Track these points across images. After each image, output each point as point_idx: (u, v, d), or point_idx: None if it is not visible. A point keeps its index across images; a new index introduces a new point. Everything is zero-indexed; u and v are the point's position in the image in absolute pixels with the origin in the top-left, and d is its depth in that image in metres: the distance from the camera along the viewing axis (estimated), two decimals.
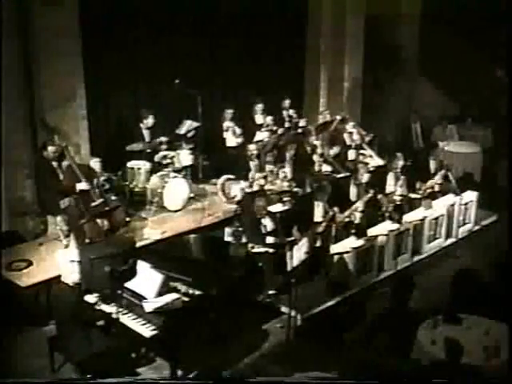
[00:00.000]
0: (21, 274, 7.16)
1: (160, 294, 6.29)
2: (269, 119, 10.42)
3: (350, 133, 10.59)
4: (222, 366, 6.37)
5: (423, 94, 12.79)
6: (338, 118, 10.89)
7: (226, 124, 10.35)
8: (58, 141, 8.03)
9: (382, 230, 8.30)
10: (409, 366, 5.69)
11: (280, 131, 10.41)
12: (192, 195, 9.48)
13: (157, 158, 9.45)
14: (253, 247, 7.90)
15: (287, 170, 9.64)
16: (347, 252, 7.84)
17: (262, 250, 7.87)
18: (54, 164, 8.03)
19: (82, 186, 7.92)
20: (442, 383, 5.22)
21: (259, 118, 10.63)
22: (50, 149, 7.97)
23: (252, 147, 9.79)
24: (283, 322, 7.18)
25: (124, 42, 9.57)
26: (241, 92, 11.15)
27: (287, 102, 11.03)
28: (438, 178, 9.45)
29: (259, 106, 10.62)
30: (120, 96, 9.88)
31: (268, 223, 8.15)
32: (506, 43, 9.33)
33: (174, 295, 6.32)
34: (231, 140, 10.35)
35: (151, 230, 8.51)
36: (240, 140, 10.34)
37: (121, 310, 6.15)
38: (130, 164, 9.26)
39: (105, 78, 9.49)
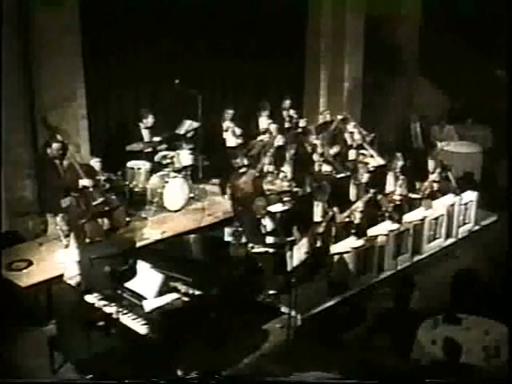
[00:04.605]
0: (21, 274, 7.18)
1: (160, 293, 6.29)
2: (273, 127, 10.33)
3: (351, 133, 10.59)
4: (222, 366, 6.37)
5: (423, 93, 12.79)
6: (339, 117, 10.89)
7: (226, 124, 10.34)
8: (60, 138, 8.06)
9: (382, 230, 8.30)
10: (409, 366, 5.70)
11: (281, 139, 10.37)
12: (192, 195, 9.49)
13: (157, 157, 9.45)
14: (253, 247, 7.90)
15: (287, 170, 9.64)
16: (347, 252, 7.84)
17: (262, 250, 7.88)
18: (57, 162, 8.04)
19: (85, 182, 7.93)
20: (442, 383, 5.23)
21: (263, 123, 10.59)
22: (55, 146, 7.97)
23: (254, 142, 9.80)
24: (283, 321, 7.18)
25: (124, 41, 9.57)
26: (241, 92, 11.16)
27: (288, 102, 11.02)
28: (434, 177, 9.46)
29: (265, 112, 10.58)
30: (120, 96, 9.88)
31: (268, 223, 8.15)
32: (506, 43, 9.33)
33: (174, 295, 6.32)
34: (231, 140, 10.35)
35: (151, 230, 8.52)
36: (240, 140, 10.34)
37: (121, 309, 6.16)
38: (129, 164, 9.26)
39: (105, 78, 9.49)
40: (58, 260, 7.21)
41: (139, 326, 6.12)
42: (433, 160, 9.70)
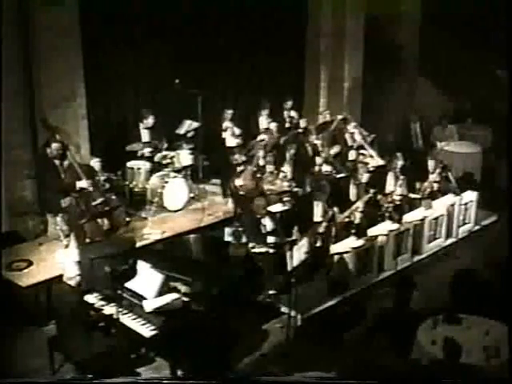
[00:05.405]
0: (21, 274, 7.18)
1: (160, 293, 6.29)
2: (273, 125, 10.37)
3: (352, 133, 10.59)
4: (222, 366, 6.37)
5: (423, 93, 12.79)
6: (339, 117, 10.88)
7: (225, 124, 10.34)
8: (60, 138, 8.06)
9: (382, 230, 8.30)
10: (409, 366, 5.69)
11: (282, 140, 10.37)
12: (192, 195, 9.49)
13: (157, 158, 9.45)
14: (253, 247, 7.90)
15: (287, 170, 9.64)
16: (347, 252, 7.84)
17: (262, 250, 7.88)
18: (57, 162, 8.05)
19: (84, 183, 7.94)
20: (442, 383, 5.23)
21: (263, 122, 10.59)
22: (54, 146, 7.98)
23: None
24: (283, 321, 7.18)
25: (124, 41, 9.56)
26: (241, 92, 11.16)
27: (289, 103, 11.02)
28: (434, 177, 9.46)
29: (265, 111, 10.59)
30: (120, 96, 9.88)
31: (268, 223, 8.15)
32: (506, 43, 9.33)
33: (174, 295, 6.32)
34: (230, 140, 10.35)
35: (151, 230, 8.51)
36: (239, 140, 10.34)
37: (121, 309, 6.16)
38: (129, 164, 9.26)
39: (105, 78, 9.49)
40: (58, 260, 7.20)
41: (139, 326, 6.12)
42: (433, 160, 9.70)
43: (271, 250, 7.88)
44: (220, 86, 10.86)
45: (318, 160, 9.96)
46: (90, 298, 6.48)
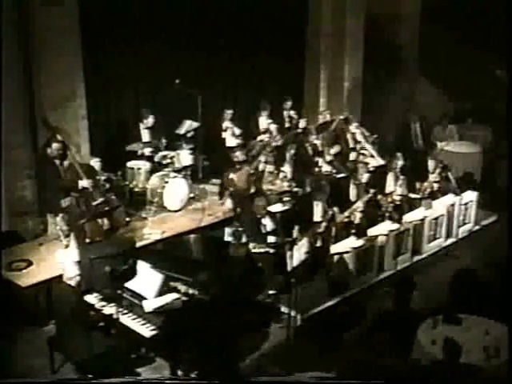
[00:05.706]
0: (21, 274, 7.18)
1: (160, 293, 6.29)
2: (273, 126, 10.37)
3: (353, 133, 10.59)
4: (222, 366, 6.37)
5: (423, 93, 12.79)
6: (340, 117, 10.88)
7: (225, 124, 10.35)
8: (60, 138, 8.06)
9: (382, 230, 8.29)
10: (409, 366, 5.69)
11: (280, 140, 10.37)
12: (192, 195, 9.49)
13: (157, 157, 9.46)
14: (253, 247, 7.90)
15: (287, 170, 9.64)
16: (347, 252, 7.84)
17: (262, 250, 7.87)
18: (57, 162, 8.05)
19: (85, 183, 7.94)
20: (442, 383, 5.23)
21: (263, 123, 10.59)
22: (54, 146, 7.98)
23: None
24: (283, 322, 7.17)
25: (124, 41, 9.56)
26: (241, 92, 11.16)
27: (289, 103, 11.02)
28: (434, 177, 9.45)
29: (265, 111, 10.59)
30: (120, 96, 9.88)
31: (268, 223, 8.15)
32: (506, 43, 9.34)
33: (174, 295, 6.32)
34: (230, 140, 10.35)
35: (151, 230, 8.51)
36: (239, 140, 10.34)
37: (121, 310, 6.16)
38: (129, 164, 9.27)
39: (105, 78, 9.49)
40: (58, 260, 7.21)
41: (139, 326, 6.12)
42: (433, 160, 9.69)
43: (271, 250, 7.88)
44: (220, 85, 10.87)
45: (318, 160, 9.96)
46: (90, 298, 6.48)
